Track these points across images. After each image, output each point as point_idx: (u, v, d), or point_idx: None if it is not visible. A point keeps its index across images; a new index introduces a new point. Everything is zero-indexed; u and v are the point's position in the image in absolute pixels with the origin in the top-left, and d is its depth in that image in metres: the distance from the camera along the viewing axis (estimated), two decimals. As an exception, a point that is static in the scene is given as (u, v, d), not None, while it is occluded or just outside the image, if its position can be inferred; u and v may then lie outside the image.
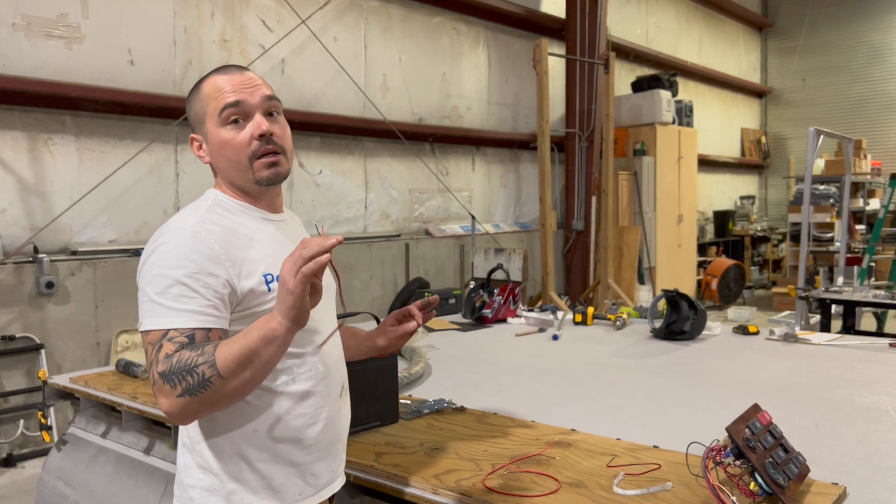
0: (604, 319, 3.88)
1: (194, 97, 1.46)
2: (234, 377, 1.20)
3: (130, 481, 2.50)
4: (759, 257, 12.73)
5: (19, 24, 4.68)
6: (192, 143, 1.49)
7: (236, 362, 1.19)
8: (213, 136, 1.42)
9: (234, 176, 1.43)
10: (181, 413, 1.22)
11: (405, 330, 1.61)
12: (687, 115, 10.13)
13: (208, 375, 1.19)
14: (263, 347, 1.19)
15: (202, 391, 1.19)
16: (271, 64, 6.06)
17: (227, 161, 1.42)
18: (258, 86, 1.43)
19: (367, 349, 1.69)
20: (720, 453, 1.50)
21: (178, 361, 1.20)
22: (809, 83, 13.80)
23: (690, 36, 12.18)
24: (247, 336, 1.20)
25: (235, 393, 1.23)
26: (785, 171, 13.63)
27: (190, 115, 1.47)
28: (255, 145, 1.40)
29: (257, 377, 1.23)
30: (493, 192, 8.51)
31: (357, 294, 6.68)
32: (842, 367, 2.84)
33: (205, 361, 1.19)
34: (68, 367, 4.78)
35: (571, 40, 8.63)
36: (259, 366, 1.21)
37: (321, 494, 1.46)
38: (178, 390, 1.19)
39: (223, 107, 1.40)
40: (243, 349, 1.19)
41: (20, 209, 4.76)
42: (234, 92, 1.40)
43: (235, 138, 1.40)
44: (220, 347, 1.21)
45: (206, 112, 1.42)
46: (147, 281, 1.30)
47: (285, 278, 1.16)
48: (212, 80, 1.44)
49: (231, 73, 1.44)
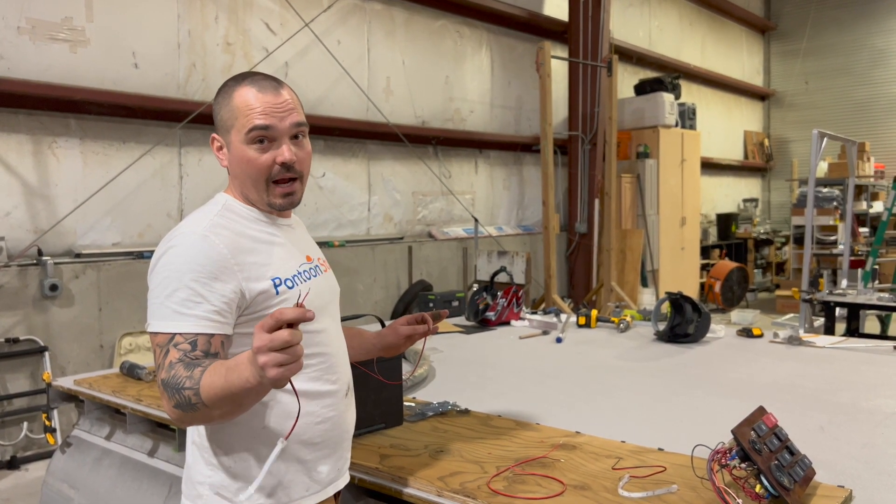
0: (607, 322, 3.88)
1: (224, 102, 1.44)
2: (217, 408, 1.22)
3: (135, 484, 2.50)
4: (762, 260, 12.72)
5: (24, 28, 4.69)
6: (212, 141, 1.48)
7: (217, 397, 1.20)
8: (236, 148, 1.43)
9: (249, 191, 1.45)
10: (178, 420, 1.28)
11: (416, 331, 1.65)
12: (690, 117, 10.13)
13: (194, 402, 1.22)
14: (243, 395, 1.19)
15: (190, 411, 1.24)
16: (275, 67, 6.07)
17: (246, 176, 1.43)
18: (290, 110, 1.42)
19: (371, 347, 1.72)
20: (725, 456, 1.50)
21: (174, 377, 1.25)
22: (812, 86, 13.79)
23: (693, 39, 12.19)
24: (228, 377, 1.18)
25: (220, 419, 1.27)
26: (788, 173, 13.61)
27: (216, 117, 1.46)
28: (276, 170, 1.42)
29: (238, 411, 1.25)
30: (496, 194, 8.51)
31: (360, 297, 6.68)
32: (846, 369, 2.83)
33: (190, 387, 1.22)
34: (72, 369, 4.79)
35: (574, 43, 8.63)
36: (239, 405, 1.22)
37: (326, 491, 1.49)
38: (173, 402, 1.25)
39: (252, 128, 1.39)
40: (224, 390, 1.19)
41: (24, 212, 4.77)
42: (266, 115, 1.39)
43: (258, 159, 1.41)
44: (205, 377, 1.21)
45: (234, 125, 1.42)
46: (157, 282, 1.34)
47: (259, 362, 1.08)
48: (246, 92, 1.41)
49: (266, 91, 1.41)
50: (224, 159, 1.47)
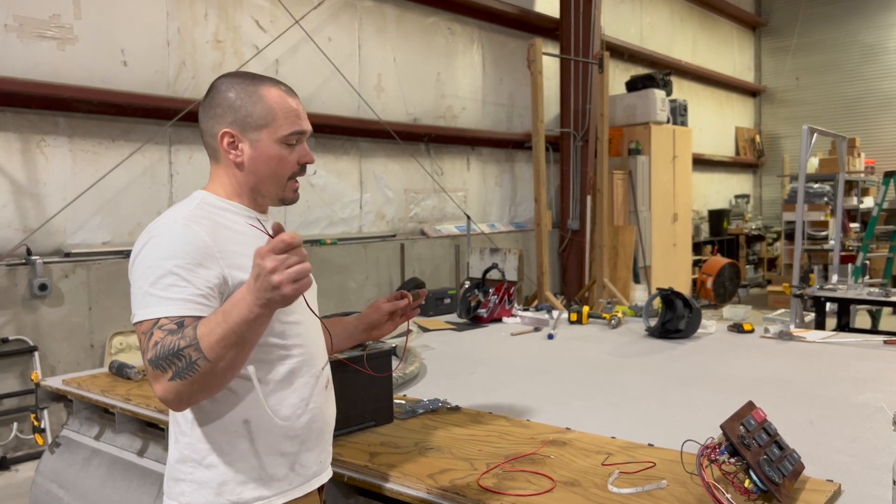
0: (599, 318, 3.88)
1: (255, 100, 1.45)
2: (220, 358, 1.23)
3: (124, 483, 2.49)
4: (754, 256, 12.77)
5: (11, 25, 4.66)
6: (223, 137, 1.46)
7: (220, 343, 1.22)
8: (266, 146, 1.46)
9: (267, 187, 1.50)
10: (176, 398, 1.26)
11: (397, 306, 1.70)
12: (681, 114, 10.15)
13: (195, 358, 1.22)
14: (247, 330, 1.22)
15: (191, 374, 1.23)
16: (265, 64, 6.05)
17: (270, 172, 1.48)
18: (307, 118, 1.54)
19: (354, 330, 1.75)
20: (715, 451, 1.50)
21: (164, 347, 1.24)
22: (803, 82, 13.84)
23: (684, 35, 12.21)
24: (228, 318, 1.22)
25: (223, 373, 1.27)
26: (779, 169, 13.67)
27: (237, 112, 1.45)
28: (297, 169, 1.52)
29: (242, 355, 1.27)
30: (488, 192, 8.51)
31: (352, 295, 6.67)
32: (836, 364, 2.84)
33: (188, 345, 1.23)
34: (62, 369, 4.76)
35: (566, 40, 8.63)
36: (242, 345, 1.25)
37: (310, 484, 1.50)
38: (169, 374, 1.23)
39: (295, 132, 1.48)
40: (227, 331, 1.22)
41: (13, 211, 4.74)
42: (305, 120, 1.51)
43: (288, 157, 1.49)
44: (200, 329, 1.23)
45: (269, 124, 1.46)
46: (139, 274, 1.34)
47: (274, 281, 1.16)
48: (278, 94, 1.48)
49: (293, 96, 1.52)
50: (239, 155, 1.47)
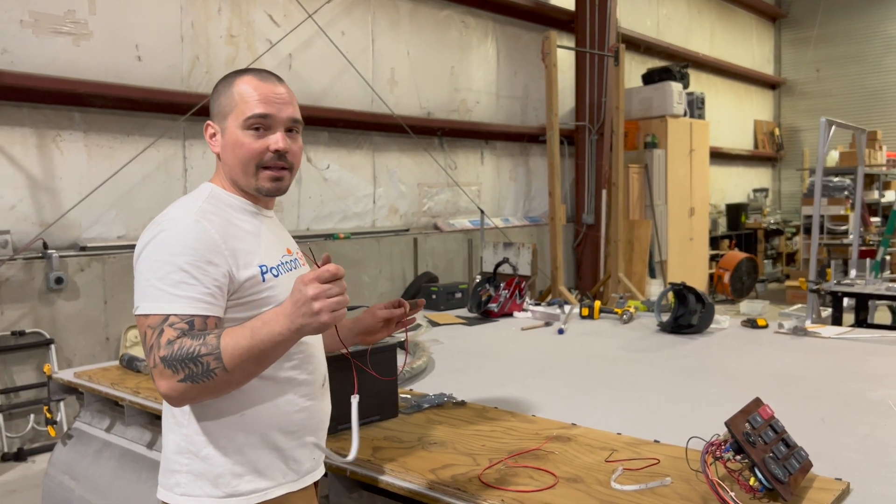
0: (611, 313, 3.85)
1: (224, 90, 1.48)
2: (238, 371, 1.27)
3: (134, 475, 2.50)
4: (772, 250, 12.62)
5: (27, 21, 4.69)
6: (206, 129, 1.52)
7: (242, 357, 1.25)
8: (231, 133, 1.46)
9: (238, 176, 1.48)
10: (179, 397, 1.28)
11: (393, 314, 1.68)
12: (698, 107, 10.04)
13: (213, 367, 1.25)
14: (272, 349, 1.26)
15: (205, 380, 1.26)
16: (279, 59, 6.06)
17: (237, 160, 1.47)
18: (287, 103, 1.48)
19: (348, 332, 1.75)
20: (720, 448, 1.48)
21: (181, 349, 1.25)
22: (824, 74, 13.63)
23: (702, 27, 12.06)
24: (255, 335, 1.25)
25: (236, 384, 1.31)
26: (799, 163, 13.48)
27: (214, 104, 1.50)
28: (268, 157, 1.46)
29: (258, 370, 1.32)
30: (502, 185, 8.48)
31: (366, 289, 6.68)
32: (851, 360, 2.79)
33: (209, 353, 1.25)
34: (78, 362, 4.81)
35: (581, 32, 8.56)
36: (263, 362, 1.30)
37: (304, 481, 1.50)
38: (181, 376, 1.25)
39: (254, 115, 1.44)
40: (252, 347, 1.25)
41: (29, 205, 4.79)
42: (266, 103, 1.44)
43: (252, 144, 1.45)
44: (225, 340, 1.26)
45: (233, 111, 1.46)
46: (147, 266, 1.34)
47: (315, 308, 1.21)
48: (247, 80, 1.47)
49: (267, 81, 1.47)
50: (216, 146, 1.50)
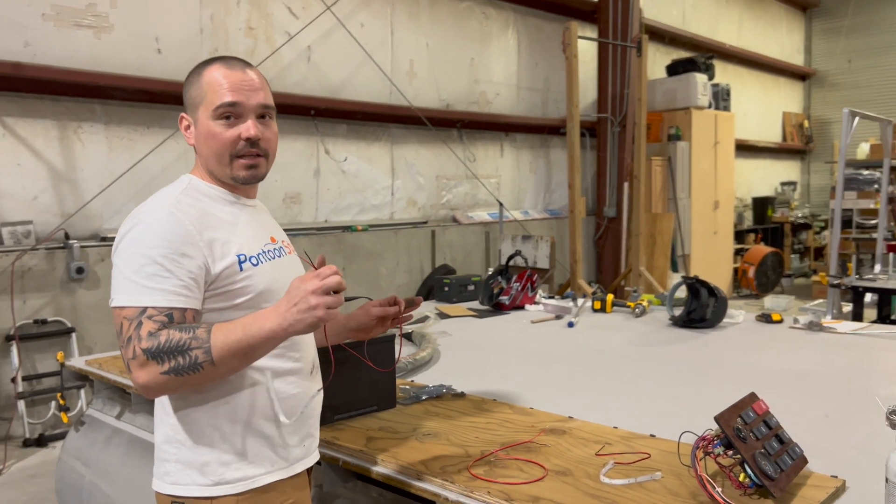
0: (624, 307, 3.81)
1: (194, 82, 1.48)
2: (225, 365, 1.29)
3: (141, 462, 2.54)
4: (799, 245, 12.39)
5: (49, 15, 4.77)
6: (181, 121, 1.52)
7: (231, 352, 1.28)
8: (202, 124, 1.46)
9: (213, 166, 1.48)
10: (160, 389, 1.30)
11: (387, 312, 1.67)
12: (724, 98, 9.88)
13: (201, 360, 1.26)
14: (260, 345, 1.29)
15: (189, 374, 1.27)
16: (297, 51, 6.08)
17: (210, 151, 1.46)
18: (257, 90, 1.46)
19: (341, 329, 1.74)
20: (711, 443, 1.45)
21: (168, 341, 1.26)
22: (855, 65, 13.32)
23: (730, 17, 11.85)
24: (247, 330, 1.27)
25: (220, 377, 1.32)
26: (829, 155, 13.20)
27: (185, 96, 1.51)
28: (241, 145, 1.45)
29: (244, 365, 1.34)
30: (522, 178, 8.43)
31: (383, 281, 6.70)
32: (865, 356, 2.73)
33: (199, 346, 1.26)
34: (99, 349, 4.89)
35: (604, 23, 8.47)
36: (250, 358, 1.32)
37: (294, 468, 1.50)
38: (165, 367, 1.26)
39: (219, 104, 1.43)
40: (242, 342, 1.27)
41: (51, 196, 4.88)
42: (234, 91, 1.43)
43: (224, 133, 1.44)
44: (215, 335, 1.27)
45: (202, 101, 1.46)
46: (123, 259, 1.35)
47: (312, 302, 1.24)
48: (214, 70, 1.46)
49: (234, 68, 1.46)
50: (191, 137, 1.51)
